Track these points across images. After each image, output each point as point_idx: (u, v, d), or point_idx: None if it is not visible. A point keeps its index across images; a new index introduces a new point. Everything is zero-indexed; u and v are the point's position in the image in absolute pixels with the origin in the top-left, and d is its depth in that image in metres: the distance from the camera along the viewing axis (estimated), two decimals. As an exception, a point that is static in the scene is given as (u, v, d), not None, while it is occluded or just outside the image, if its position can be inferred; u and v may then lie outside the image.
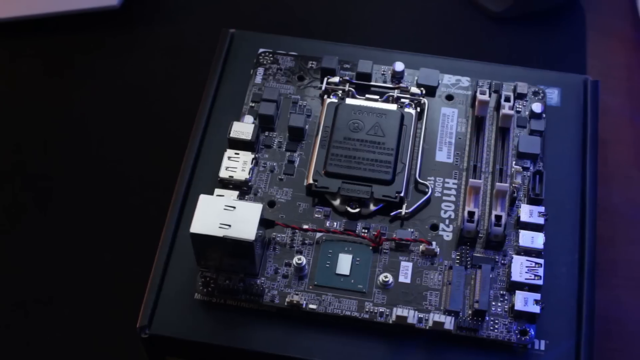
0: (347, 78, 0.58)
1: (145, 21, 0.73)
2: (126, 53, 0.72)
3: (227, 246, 0.49)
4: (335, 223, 0.53)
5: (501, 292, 0.51)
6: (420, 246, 0.52)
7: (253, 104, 0.58)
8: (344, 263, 0.52)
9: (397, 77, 0.59)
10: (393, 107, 0.57)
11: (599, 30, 0.74)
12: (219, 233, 0.49)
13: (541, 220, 0.53)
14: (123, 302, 0.58)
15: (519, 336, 0.50)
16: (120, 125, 0.68)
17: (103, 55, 0.72)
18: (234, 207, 0.50)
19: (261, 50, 0.60)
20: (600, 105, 0.60)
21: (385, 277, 0.51)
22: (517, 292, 0.50)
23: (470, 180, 0.54)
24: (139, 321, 0.51)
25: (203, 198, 0.50)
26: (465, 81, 0.59)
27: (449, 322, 0.50)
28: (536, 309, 0.50)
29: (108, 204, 0.65)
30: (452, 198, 0.55)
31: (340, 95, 0.57)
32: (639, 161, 0.68)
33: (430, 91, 0.58)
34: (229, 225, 0.49)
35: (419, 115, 0.57)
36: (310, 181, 0.54)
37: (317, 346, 0.50)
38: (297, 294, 0.51)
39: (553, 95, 0.59)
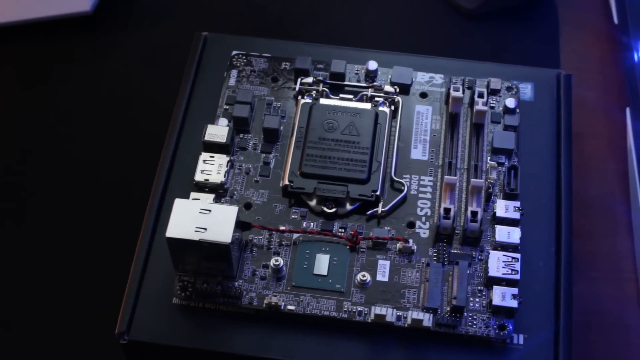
0: (320, 78, 0.58)
1: (119, 26, 0.73)
2: (100, 59, 0.72)
3: (204, 250, 0.49)
4: (312, 223, 0.53)
5: (479, 287, 0.51)
6: (397, 244, 0.53)
7: (227, 107, 0.57)
8: (322, 263, 0.52)
9: (371, 76, 0.59)
10: (367, 106, 0.57)
11: (572, 24, 0.74)
12: (195, 237, 0.49)
13: (517, 215, 0.53)
14: (101, 308, 0.58)
15: (497, 331, 0.50)
16: (95, 132, 0.68)
17: (77, 62, 0.72)
18: (210, 211, 0.49)
19: (234, 52, 0.60)
20: (575, 98, 0.60)
21: (363, 276, 0.51)
22: (494, 287, 0.51)
23: (446, 177, 0.54)
24: (117, 327, 0.51)
25: (178, 202, 0.50)
26: (438, 78, 0.59)
27: (427, 319, 0.50)
28: (514, 304, 0.50)
29: (85, 211, 0.64)
30: (428, 195, 0.55)
31: (314, 95, 0.57)
32: (614, 153, 0.68)
33: (404, 89, 0.58)
34: (205, 229, 0.49)
35: (393, 114, 0.57)
36: (286, 182, 0.54)
37: (297, 347, 0.50)
38: (275, 296, 0.51)
39: (526, 90, 0.59)
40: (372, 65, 0.58)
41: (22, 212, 0.65)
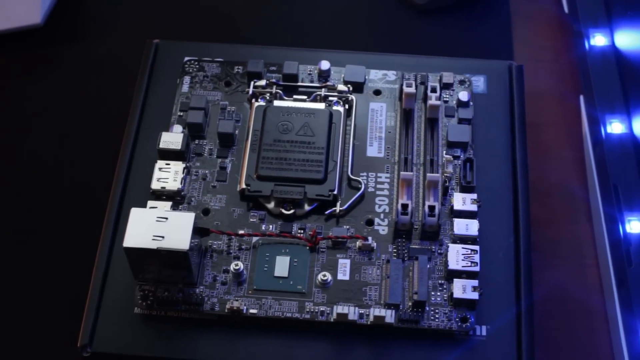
0: (273, 80, 0.58)
1: (70, 37, 0.73)
2: (52, 70, 0.71)
3: (163, 257, 0.49)
4: (270, 226, 0.53)
5: (440, 281, 0.52)
6: (357, 242, 0.53)
7: (181, 113, 0.57)
8: (282, 265, 0.52)
9: (324, 75, 0.59)
10: (321, 106, 0.57)
11: (524, 15, 0.75)
12: (153, 245, 0.48)
13: (474, 207, 0.53)
14: (62, 322, 0.57)
15: (459, 324, 0.50)
16: (49, 144, 0.68)
17: (29, 74, 0.71)
18: (167, 218, 0.49)
19: (186, 58, 0.60)
20: (529, 88, 0.61)
21: (324, 276, 0.51)
22: (455, 280, 0.51)
23: (402, 173, 0.54)
24: (79, 340, 0.51)
25: (134, 211, 0.50)
26: (391, 75, 0.59)
27: (389, 316, 0.50)
28: (475, 296, 0.50)
29: (43, 223, 0.64)
30: (386, 192, 0.55)
31: (268, 98, 0.57)
32: (571, 141, 0.69)
33: (358, 87, 0.58)
34: (163, 237, 0.49)
35: (348, 112, 0.57)
36: (243, 186, 0.54)
37: (261, 351, 0.50)
38: (236, 300, 0.51)
39: (479, 82, 0.59)
40: (325, 65, 0.59)
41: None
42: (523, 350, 0.50)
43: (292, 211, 0.53)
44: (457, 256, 0.51)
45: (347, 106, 0.57)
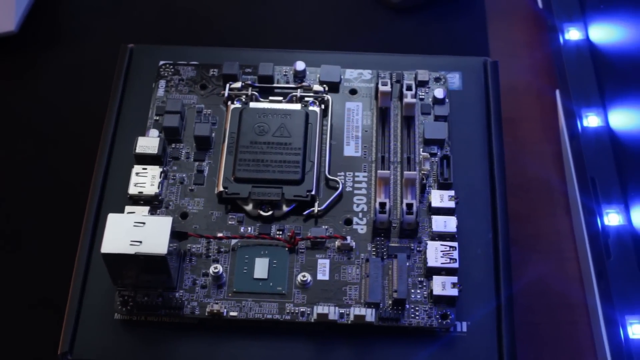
0: (249, 82, 0.58)
1: (45, 44, 0.72)
2: (28, 77, 0.71)
3: (141, 263, 0.49)
4: (249, 228, 0.53)
5: (419, 279, 0.52)
6: (336, 242, 0.53)
7: (157, 117, 0.57)
8: (261, 267, 0.52)
9: (299, 76, 0.59)
10: (297, 106, 0.57)
11: (499, 11, 0.75)
12: (131, 250, 0.48)
13: (452, 204, 0.53)
14: (42, 329, 0.57)
15: (440, 320, 0.51)
16: (27, 150, 0.67)
17: (4, 81, 0.71)
18: (144, 223, 0.49)
19: (161, 62, 0.60)
20: (505, 84, 0.61)
21: (304, 276, 0.51)
22: (434, 277, 0.51)
23: (379, 171, 0.54)
24: (60, 348, 0.50)
25: (111, 217, 0.49)
26: (367, 74, 0.59)
27: (370, 315, 0.50)
28: (454, 292, 0.50)
29: (20, 230, 0.64)
30: (364, 191, 0.55)
31: (243, 100, 0.57)
32: (548, 135, 0.69)
33: (333, 87, 0.58)
34: (140, 242, 0.49)
35: (324, 112, 0.57)
36: (221, 189, 0.54)
37: (242, 353, 0.50)
38: (217, 303, 0.51)
39: (454, 79, 0.59)
40: (300, 65, 0.59)
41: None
42: (504, 345, 0.50)
43: (270, 212, 0.53)
44: (435, 253, 0.52)
45: (323, 106, 0.57)
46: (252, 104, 0.57)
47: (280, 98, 0.57)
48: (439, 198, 0.53)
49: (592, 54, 0.66)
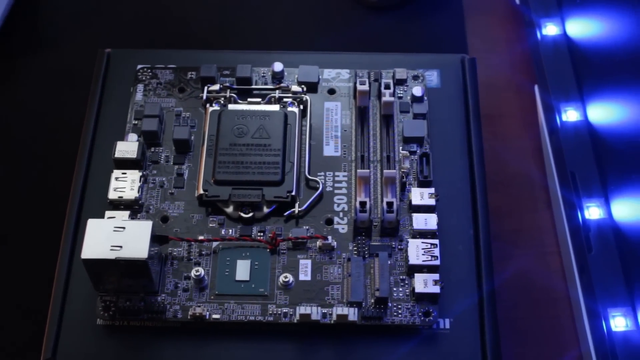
0: (227, 84, 0.58)
1: (24, 48, 0.72)
2: (5, 83, 0.71)
3: (122, 267, 0.49)
4: (230, 230, 0.53)
5: (401, 277, 0.52)
6: (317, 242, 0.53)
7: (136, 122, 0.57)
8: (243, 269, 0.52)
9: (278, 77, 0.59)
10: (276, 107, 0.57)
11: (476, 8, 0.75)
12: (111, 255, 0.48)
13: (432, 202, 0.53)
14: (25, 335, 0.57)
15: (423, 318, 0.51)
16: (5, 155, 0.67)
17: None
18: (124, 228, 0.49)
19: (139, 66, 0.60)
20: (484, 80, 0.61)
21: (285, 277, 0.51)
22: (416, 275, 0.51)
23: (359, 170, 0.54)
24: (42, 354, 0.50)
25: (91, 222, 0.49)
26: (345, 74, 0.59)
27: (352, 314, 0.50)
28: (436, 289, 0.51)
29: (0, 236, 0.63)
30: (344, 191, 0.55)
31: (222, 102, 0.57)
32: (528, 130, 0.69)
33: (312, 87, 0.58)
34: (121, 247, 0.48)
35: (303, 113, 0.57)
36: (201, 191, 0.54)
37: (226, 355, 0.50)
38: (199, 306, 0.51)
39: (432, 77, 0.60)
40: (278, 66, 0.59)
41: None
42: (487, 340, 0.51)
43: (250, 214, 0.53)
44: (417, 251, 0.52)
45: (301, 107, 0.57)
46: (231, 106, 0.57)
47: (259, 99, 0.57)
48: (419, 196, 0.54)
49: (569, 48, 0.66)
